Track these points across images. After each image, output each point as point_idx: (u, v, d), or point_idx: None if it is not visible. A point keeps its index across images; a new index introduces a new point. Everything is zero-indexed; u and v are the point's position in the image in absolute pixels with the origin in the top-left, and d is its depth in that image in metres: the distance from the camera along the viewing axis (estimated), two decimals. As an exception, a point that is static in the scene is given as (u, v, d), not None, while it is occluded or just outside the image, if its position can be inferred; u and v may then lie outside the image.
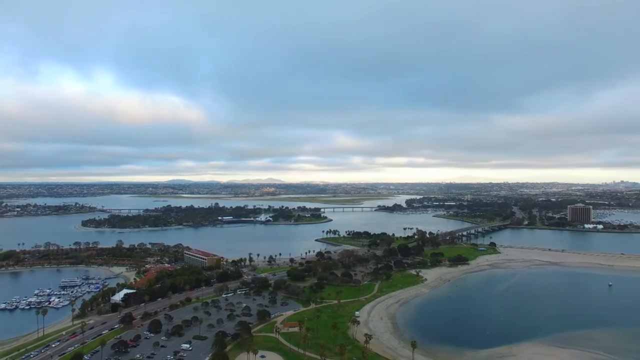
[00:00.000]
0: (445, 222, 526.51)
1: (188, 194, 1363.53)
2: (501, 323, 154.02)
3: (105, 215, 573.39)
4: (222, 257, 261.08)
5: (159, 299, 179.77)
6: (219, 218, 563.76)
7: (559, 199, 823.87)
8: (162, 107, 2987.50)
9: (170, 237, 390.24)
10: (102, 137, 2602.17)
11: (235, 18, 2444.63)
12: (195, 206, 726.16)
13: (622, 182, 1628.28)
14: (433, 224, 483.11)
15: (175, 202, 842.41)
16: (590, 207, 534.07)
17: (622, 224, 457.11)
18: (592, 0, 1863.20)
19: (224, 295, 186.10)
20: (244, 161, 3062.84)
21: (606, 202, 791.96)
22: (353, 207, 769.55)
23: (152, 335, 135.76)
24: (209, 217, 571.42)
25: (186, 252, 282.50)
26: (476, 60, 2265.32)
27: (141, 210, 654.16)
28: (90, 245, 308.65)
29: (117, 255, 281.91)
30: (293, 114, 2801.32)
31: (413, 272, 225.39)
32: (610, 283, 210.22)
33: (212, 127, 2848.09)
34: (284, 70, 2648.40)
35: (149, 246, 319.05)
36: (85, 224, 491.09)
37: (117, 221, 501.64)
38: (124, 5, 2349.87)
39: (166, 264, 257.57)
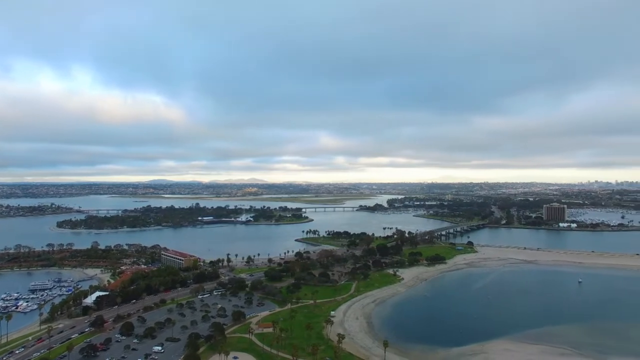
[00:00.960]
0: (425, 221, 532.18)
1: (169, 194, 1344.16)
2: (474, 321, 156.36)
3: (82, 216, 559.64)
4: (199, 258, 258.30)
5: (133, 301, 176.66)
6: (199, 218, 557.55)
7: (537, 199, 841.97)
8: (143, 106, 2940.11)
9: (149, 238, 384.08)
10: (81, 137, 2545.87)
11: (217, 17, 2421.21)
12: (176, 206, 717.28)
13: (596, 182, 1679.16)
14: (413, 223, 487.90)
15: (155, 203, 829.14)
16: (565, 206, 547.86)
17: (594, 222, 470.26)
18: (565, 5, 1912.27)
19: (200, 297, 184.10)
20: (227, 161, 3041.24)
21: (581, 202, 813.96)
22: (335, 207, 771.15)
23: (123, 338, 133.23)
24: (189, 217, 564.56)
25: (163, 253, 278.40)
26: (456, 62, 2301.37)
27: (120, 211, 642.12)
28: (65, 247, 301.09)
29: (92, 256, 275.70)
30: (276, 113, 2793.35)
31: (390, 271, 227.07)
32: (580, 280, 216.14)
33: (193, 127, 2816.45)
34: (266, 70, 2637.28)
35: (125, 247, 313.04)
36: (60, 225, 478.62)
37: (94, 222, 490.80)
38: (103, 3, 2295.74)
39: (142, 265, 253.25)
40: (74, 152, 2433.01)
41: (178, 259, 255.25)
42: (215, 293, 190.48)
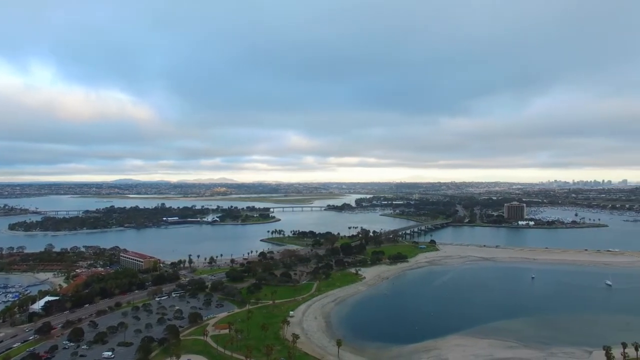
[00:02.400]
0: (391, 220, 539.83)
1: (135, 194, 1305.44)
2: (431, 318, 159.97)
3: (39, 218, 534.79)
4: (159, 259, 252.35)
5: (87, 305, 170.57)
6: (164, 219, 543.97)
7: (500, 198, 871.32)
8: (108, 103, 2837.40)
9: (110, 239, 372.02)
10: (41, 134, 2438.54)
11: (183, 15, 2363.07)
12: (141, 207, 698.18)
13: (555, 181, 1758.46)
14: (379, 222, 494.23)
15: (120, 203, 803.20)
16: (524, 205, 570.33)
17: (550, 220, 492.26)
18: (526, 12, 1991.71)
19: (157, 299, 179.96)
20: (196, 160, 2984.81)
21: (540, 200, 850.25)
22: (303, 207, 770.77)
23: (71, 344, 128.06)
24: (153, 218, 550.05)
25: (122, 254, 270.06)
26: (423, 64, 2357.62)
27: (80, 212, 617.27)
28: (15, 251, 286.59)
29: (46, 260, 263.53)
30: (245, 113, 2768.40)
31: (353, 270, 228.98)
32: (533, 276, 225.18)
33: (161, 126, 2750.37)
34: (235, 69, 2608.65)
35: (83, 249, 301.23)
36: (12, 227, 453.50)
37: (51, 224, 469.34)
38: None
39: (99, 268, 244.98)
40: (33, 150, 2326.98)
41: (137, 260, 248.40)
42: (174, 295, 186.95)
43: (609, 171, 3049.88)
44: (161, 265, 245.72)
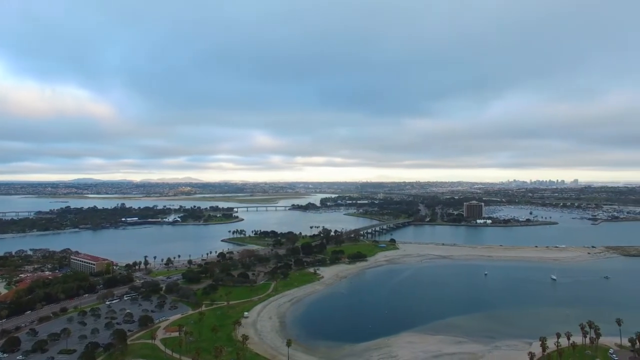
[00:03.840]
0: (355, 220, 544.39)
1: (94, 194, 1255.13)
2: (385, 316, 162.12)
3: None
4: (112, 262, 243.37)
5: (28, 312, 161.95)
6: (123, 219, 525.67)
7: (461, 197, 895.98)
8: (64, 99, 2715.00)
9: (62, 241, 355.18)
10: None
11: (144, 9, 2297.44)
12: (100, 207, 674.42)
13: (514, 181, 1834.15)
14: (343, 222, 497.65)
15: (77, 203, 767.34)
16: (482, 204, 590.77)
17: (506, 218, 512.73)
18: (479, 18, 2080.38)
19: (108, 303, 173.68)
20: (160, 159, 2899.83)
21: (499, 199, 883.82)
22: (267, 207, 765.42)
23: (5, 355, 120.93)
24: (112, 218, 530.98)
25: (73, 257, 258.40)
26: (387, 65, 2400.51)
27: (32, 213, 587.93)
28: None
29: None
30: (210, 112, 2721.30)
31: (311, 270, 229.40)
32: (486, 272, 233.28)
33: (123, 124, 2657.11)
34: (198, 66, 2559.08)
35: (30, 252, 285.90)
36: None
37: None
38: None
39: (47, 272, 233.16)
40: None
41: (89, 263, 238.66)
42: (126, 298, 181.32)
43: (564, 171, 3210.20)
44: (115, 267, 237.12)
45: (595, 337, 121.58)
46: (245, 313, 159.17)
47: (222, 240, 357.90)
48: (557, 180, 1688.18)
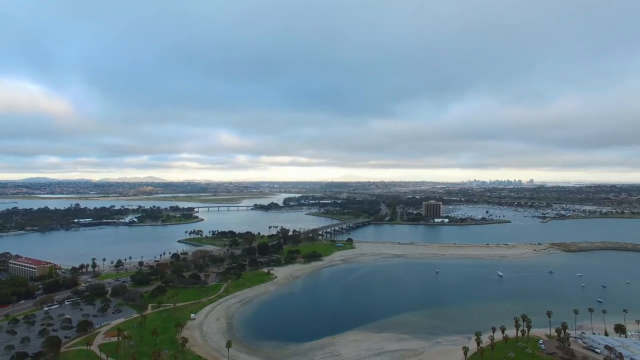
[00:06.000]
0: (316, 219, 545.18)
1: (48, 193, 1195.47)
2: (333, 315, 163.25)
3: None
4: (57, 265, 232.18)
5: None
6: (75, 220, 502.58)
7: (423, 197, 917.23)
8: (16, 94, 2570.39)
9: (4, 245, 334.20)
10: None
11: (104, 4, 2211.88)
12: (51, 207, 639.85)
13: (475, 181, 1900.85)
14: (304, 221, 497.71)
15: (26, 204, 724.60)
16: (441, 203, 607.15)
17: (463, 217, 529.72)
18: (439, 23, 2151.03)
19: (46, 308, 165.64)
20: (120, 158, 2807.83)
21: (458, 199, 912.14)
22: (229, 207, 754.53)
23: None
24: (63, 219, 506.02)
25: (12, 261, 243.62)
26: (352, 67, 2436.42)
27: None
28: None
29: None
30: (173, 110, 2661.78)
31: (265, 270, 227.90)
32: (437, 270, 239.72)
33: (81, 121, 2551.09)
34: (160, 64, 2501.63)
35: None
36: None
37: None
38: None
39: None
40: None
41: (30, 267, 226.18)
42: (67, 303, 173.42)
43: (522, 172, 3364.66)
44: (59, 271, 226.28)
45: (526, 330, 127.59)
46: (192, 315, 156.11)
47: (178, 241, 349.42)
48: (515, 180, 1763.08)
